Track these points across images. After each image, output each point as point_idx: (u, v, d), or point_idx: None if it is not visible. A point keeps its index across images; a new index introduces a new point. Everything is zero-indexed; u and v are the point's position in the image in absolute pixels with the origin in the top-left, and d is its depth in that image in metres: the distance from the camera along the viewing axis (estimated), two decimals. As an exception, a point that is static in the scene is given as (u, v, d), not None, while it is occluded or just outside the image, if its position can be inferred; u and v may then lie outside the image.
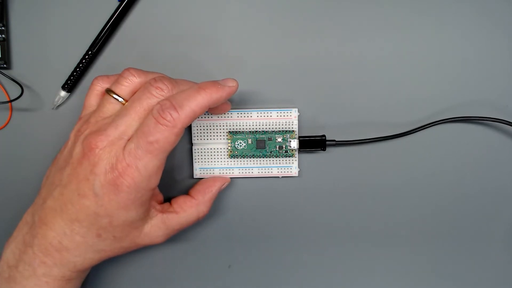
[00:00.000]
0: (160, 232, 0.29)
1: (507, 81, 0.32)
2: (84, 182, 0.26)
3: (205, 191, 0.31)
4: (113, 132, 0.26)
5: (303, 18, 0.32)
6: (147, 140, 0.25)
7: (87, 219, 0.26)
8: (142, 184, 0.26)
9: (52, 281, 0.27)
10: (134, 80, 0.27)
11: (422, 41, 0.32)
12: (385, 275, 0.34)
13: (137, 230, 0.28)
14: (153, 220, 0.29)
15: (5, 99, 0.32)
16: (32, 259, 0.27)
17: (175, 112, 0.25)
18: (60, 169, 0.28)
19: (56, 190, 0.27)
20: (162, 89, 0.26)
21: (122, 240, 0.28)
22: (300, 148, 0.32)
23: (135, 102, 0.26)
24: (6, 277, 0.28)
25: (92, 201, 0.26)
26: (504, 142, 0.33)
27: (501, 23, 0.32)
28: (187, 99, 0.26)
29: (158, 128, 0.25)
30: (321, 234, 0.34)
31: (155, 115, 0.25)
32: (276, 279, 0.34)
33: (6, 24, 0.32)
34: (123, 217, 0.27)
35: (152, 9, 0.32)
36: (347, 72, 0.32)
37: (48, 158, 0.32)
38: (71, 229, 0.26)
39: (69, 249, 0.27)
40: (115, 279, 0.34)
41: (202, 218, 0.31)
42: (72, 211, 0.26)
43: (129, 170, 0.25)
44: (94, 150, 0.26)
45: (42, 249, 0.27)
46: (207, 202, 0.31)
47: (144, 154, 0.25)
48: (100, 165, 0.25)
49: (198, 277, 0.34)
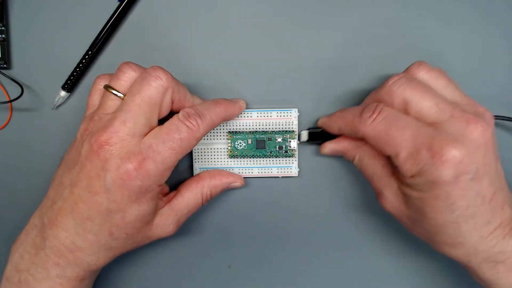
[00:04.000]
0: (170, 220, 0.29)
1: (507, 78, 0.32)
2: (96, 178, 0.26)
3: (215, 177, 0.31)
4: (122, 128, 0.26)
5: (303, 19, 0.32)
6: (172, 137, 0.26)
7: (99, 217, 0.26)
8: (155, 178, 0.26)
9: (66, 282, 0.27)
10: (132, 74, 0.28)
11: (422, 41, 0.32)
12: (385, 275, 0.34)
13: (148, 224, 0.28)
14: (162, 210, 0.29)
15: (5, 99, 0.32)
16: (44, 261, 0.27)
17: (200, 119, 0.27)
18: (69, 169, 0.28)
19: (66, 190, 0.27)
20: (161, 78, 0.27)
21: (134, 236, 0.28)
22: (309, 140, 0.32)
23: (135, 95, 0.26)
24: (16, 282, 0.27)
25: (104, 197, 0.26)
26: (506, 139, 0.33)
27: (501, 23, 0.32)
28: (207, 110, 0.28)
29: (184, 128, 0.27)
30: (321, 234, 0.34)
31: (182, 118, 0.27)
32: (276, 279, 0.34)
33: (6, 24, 0.32)
34: (135, 211, 0.27)
35: (152, 9, 0.32)
36: (347, 72, 0.32)
37: (48, 158, 0.32)
38: (83, 228, 0.27)
39: (82, 249, 0.27)
40: (115, 279, 0.34)
41: (206, 203, 0.31)
42: (83, 209, 0.26)
43: (144, 163, 0.26)
44: (104, 147, 0.26)
45: (54, 250, 0.27)
46: (212, 186, 0.31)
47: (165, 149, 0.26)
48: (111, 160, 0.26)
49: (198, 277, 0.34)
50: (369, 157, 0.29)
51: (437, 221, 0.26)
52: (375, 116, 0.26)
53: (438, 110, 0.26)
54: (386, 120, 0.26)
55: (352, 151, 0.30)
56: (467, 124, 0.25)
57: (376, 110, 0.26)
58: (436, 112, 0.26)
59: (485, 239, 0.26)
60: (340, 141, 0.31)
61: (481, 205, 0.25)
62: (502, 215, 0.26)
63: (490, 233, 0.26)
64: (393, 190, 0.28)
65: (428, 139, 0.25)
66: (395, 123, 0.26)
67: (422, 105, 0.26)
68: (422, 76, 0.27)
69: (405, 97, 0.26)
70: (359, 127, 0.27)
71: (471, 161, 0.24)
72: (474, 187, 0.25)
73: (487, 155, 0.25)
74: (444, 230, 0.26)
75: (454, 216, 0.25)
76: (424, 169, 0.25)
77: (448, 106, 0.26)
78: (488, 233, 0.26)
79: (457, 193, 0.24)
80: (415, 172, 0.25)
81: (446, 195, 0.25)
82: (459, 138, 0.24)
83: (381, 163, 0.29)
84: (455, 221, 0.25)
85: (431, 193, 0.25)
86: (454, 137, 0.24)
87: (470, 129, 0.25)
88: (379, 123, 0.26)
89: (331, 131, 0.30)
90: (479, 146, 0.25)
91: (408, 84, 0.26)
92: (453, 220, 0.25)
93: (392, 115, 0.26)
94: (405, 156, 0.25)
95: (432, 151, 0.24)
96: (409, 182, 0.26)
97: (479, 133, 0.25)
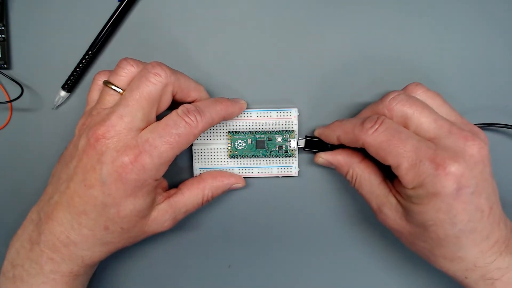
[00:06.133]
0: (167, 216, 0.29)
1: (506, 82, 0.32)
2: (91, 172, 0.26)
3: (217, 178, 0.31)
4: (119, 122, 0.26)
5: (303, 18, 0.32)
6: (170, 132, 0.26)
7: (94, 211, 0.26)
8: (150, 172, 0.26)
9: (59, 278, 0.27)
10: (132, 70, 0.28)
11: (422, 41, 0.32)
12: (385, 274, 0.34)
13: (144, 219, 0.28)
14: (160, 205, 0.29)
15: (5, 99, 0.32)
16: (39, 256, 0.27)
17: (199, 115, 0.27)
18: (66, 163, 0.28)
19: (62, 185, 0.27)
20: (160, 74, 0.27)
21: (130, 231, 0.28)
22: (305, 147, 0.32)
23: (134, 91, 0.26)
24: (10, 277, 0.28)
25: (99, 190, 0.26)
26: (506, 144, 0.33)
27: (500, 24, 0.32)
28: (208, 107, 0.28)
29: (183, 123, 0.27)
30: (321, 234, 0.34)
31: (181, 114, 0.27)
32: (276, 279, 0.34)
33: (6, 24, 0.32)
34: (130, 205, 0.27)
35: (152, 9, 0.32)
36: (347, 72, 0.32)
37: (48, 158, 0.32)
38: (79, 222, 0.27)
39: (77, 243, 0.27)
40: (114, 279, 0.34)
41: (206, 204, 0.31)
42: (79, 203, 0.26)
43: (141, 157, 0.26)
44: (101, 140, 0.26)
45: (49, 245, 0.27)
46: (213, 188, 0.31)
47: (162, 144, 0.26)
48: (107, 153, 0.26)
49: (198, 277, 0.34)
50: (365, 175, 0.29)
51: (439, 235, 0.26)
52: (377, 126, 0.26)
53: (436, 126, 0.26)
54: (388, 131, 0.26)
55: (346, 166, 0.30)
56: (465, 140, 0.25)
57: (378, 121, 0.27)
58: (435, 128, 0.26)
59: (484, 254, 0.26)
60: (336, 154, 0.31)
61: (480, 220, 0.25)
62: (499, 231, 0.26)
63: (489, 248, 0.26)
64: (393, 206, 0.28)
65: (431, 151, 0.25)
66: (397, 134, 0.26)
67: (422, 120, 0.26)
68: (420, 95, 0.28)
69: (405, 112, 0.27)
70: (360, 135, 0.27)
71: (472, 176, 0.25)
72: (474, 201, 0.25)
73: (484, 171, 0.25)
74: (445, 244, 0.26)
75: (456, 230, 0.25)
76: (426, 180, 0.25)
77: (446, 123, 0.26)
78: (487, 249, 0.26)
79: (459, 206, 0.25)
80: (417, 184, 0.25)
81: (448, 207, 0.25)
82: (459, 153, 0.25)
83: (378, 180, 0.29)
84: (456, 235, 0.25)
85: (433, 206, 0.25)
86: (454, 152, 0.25)
87: (468, 146, 0.25)
88: (381, 134, 0.26)
89: (328, 140, 0.30)
90: (477, 163, 0.25)
91: (407, 100, 0.27)
92: (454, 234, 0.25)
93: (394, 127, 0.26)
94: (407, 167, 0.25)
95: (435, 163, 0.25)
96: (409, 194, 0.26)
97: (477, 150, 0.25)
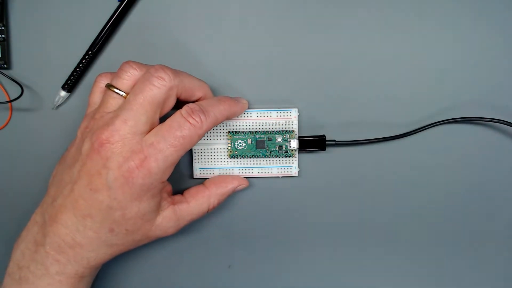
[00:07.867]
0: (171, 223, 0.29)
1: (506, 81, 0.32)
2: (97, 176, 0.26)
3: (220, 184, 0.31)
4: (123, 126, 0.26)
5: (303, 18, 0.32)
6: (174, 134, 0.26)
7: (100, 214, 0.26)
8: (156, 176, 0.26)
9: (65, 279, 0.27)
10: (134, 73, 0.27)
11: (422, 41, 0.32)
12: (385, 274, 0.34)
13: (149, 222, 0.28)
14: (165, 212, 0.29)
15: (5, 99, 0.32)
16: (44, 258, 0.27)
17: (203, 115, 0.27)
18: (69, 166, 0.28)
19: (66, 188, 0.27)
20: (164, 78, 0.27)
21: (134, 233, 0.28)
22: (300, 148, 0.32)
23: (137, 94, 0.26)
24: (17, 279, 0.28)
25: (105, 195, 0.26)
26: (504, 142, 0.33)
27: (500, 24, 0.32)
28: (211, 107, 0.28)
29: (187, 125, 0.26)
30: (321, 234, 0.34)
31: (185, 115, 0.27)
32: (276, 279, 0.34)
33: (6, 24, 0.32)
34: (135, 208, 0.27)
35: (152, 9, 0.32)
36: (347, 72, 0.32)
37: (48, 158, 0.32)
38: (84, 224, 0.27)
39: (82, 245, 0.27)
40: (115, 279, 0.34)
41: (212, 210, 0.31)
42: (84, 206, 0.26)
43: (146, 161, 0.26)
44: (106, 145, 0.26)
45: (55, 247, 0.27)
46: (219, 195, 0.31)
47: (167, 147, 0.26)
48: (113, 159, 0.26)
49: (198, 277, 0.34)
50: None
51: None
52: None
53: None
54: None
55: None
56: None
57: None
58: None
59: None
60: None
61: None
62: None
63: None
64: None
65: None
66: None
67: None
68: None
69: None
70: None
71: None
72: None
73: None
74: None
75: None
76: None
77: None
78: None
79: None
80: None
81: None
82: None
83: None
84: None
85: None
86: None
87: None
88: None
89: None
90: None
91: None
92: None
93: None
94: None
95: None
96: None
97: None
